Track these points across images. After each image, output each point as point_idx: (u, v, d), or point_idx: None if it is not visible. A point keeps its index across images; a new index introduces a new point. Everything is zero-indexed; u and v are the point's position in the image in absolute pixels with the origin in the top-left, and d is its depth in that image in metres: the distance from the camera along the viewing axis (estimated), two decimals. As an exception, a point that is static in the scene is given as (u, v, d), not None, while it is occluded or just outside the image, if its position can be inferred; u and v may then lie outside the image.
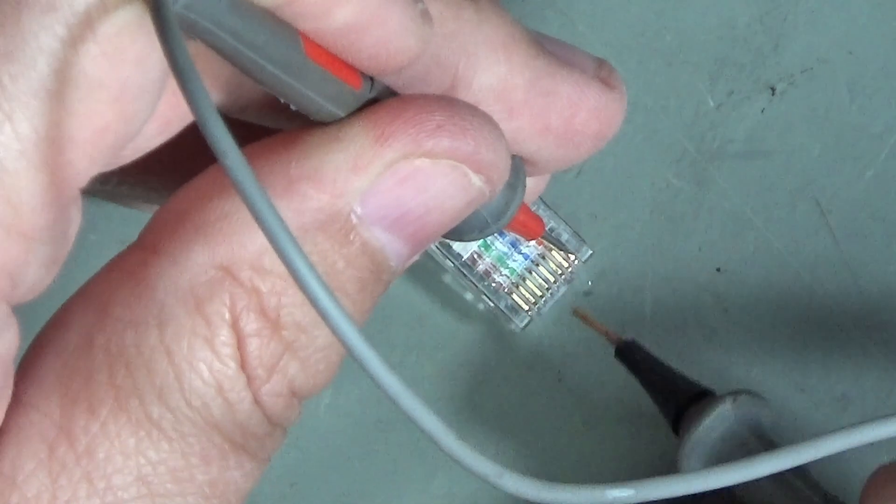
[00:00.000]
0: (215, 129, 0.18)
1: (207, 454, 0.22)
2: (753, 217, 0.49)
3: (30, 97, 0.19)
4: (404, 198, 0.23)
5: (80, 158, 0.20)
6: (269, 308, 0.22)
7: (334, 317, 0.18)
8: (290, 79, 0.21)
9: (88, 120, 0.20)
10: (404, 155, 0.22)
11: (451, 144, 0.23)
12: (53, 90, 0.20)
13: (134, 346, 0.22)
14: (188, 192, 0.23)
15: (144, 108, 0.21)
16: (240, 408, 0.22)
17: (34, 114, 0.20)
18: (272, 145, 0.23)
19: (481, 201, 0.24)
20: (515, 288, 0.48)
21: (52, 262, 0.21)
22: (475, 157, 0.23)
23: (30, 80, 0.19)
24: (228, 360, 0.22)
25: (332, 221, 0.22)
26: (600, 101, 0.25)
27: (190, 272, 0.22)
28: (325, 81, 0.22)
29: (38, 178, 0.20)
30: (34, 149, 0.20)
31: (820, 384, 0.49)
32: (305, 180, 0.22)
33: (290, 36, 0.21)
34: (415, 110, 0.22)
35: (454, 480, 0.49)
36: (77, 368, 0.22)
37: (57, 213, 0.20)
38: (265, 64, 0.20)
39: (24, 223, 0.20)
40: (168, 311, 0.22)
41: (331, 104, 0.22)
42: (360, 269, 0.23)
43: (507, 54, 0.24)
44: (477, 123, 0.23)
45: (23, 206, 0.20)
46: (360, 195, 0.22)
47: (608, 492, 0.19)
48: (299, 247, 0.18)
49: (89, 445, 0.21)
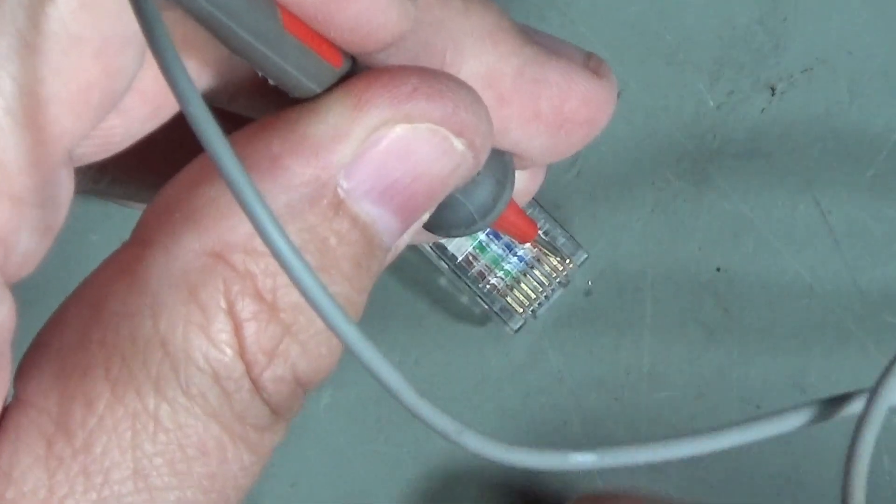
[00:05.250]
0: (193, 101, 0.18)
1: (205, 446, 0.22)
2: (753, 217, 0.49)
3: (10, 52, 0.19)
4: (388, 167, 0.23)
5: (67, 116, 0.20)
6: (264, 290, 0.22)
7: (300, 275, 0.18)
8: (266, 49, 0.21)
9: (72, 75, 0.20)
10: (383, 121, 0.22)
11: (428, 106, 0.22)
12: (34, 45, 0.19)
13: (129, 337, 0.21)
14: (175, 183, 0.23)
15: (128, 63, 0.21)
16: (238, 396, 0.22)
17: (16, 70, 0.19)
18: (255, 128, 0.23)
19: (466, 169, 0.24)
20: (510, 290, 0.48)
21: (45, 229, 0.21)
22: (454, 119, 0.23)
23: (9, 36, 0.19)
24: (225, 346, 0.22)
25: (319, 196, 0.22)
26: (590, 88, 0.25)
27: (181, 260, 0.22)
28: (303, 56, 0.22)
29: (24, 136, 0.20)
30: (18, 106, 0.19)
31: (820, 384, 0.49)
32: (288, 155, 0.22)
33: (268, 6, 0.21)
34: (389, 76, 0.22)
35: (454, 480, 0.49)
36: (74, 364, 0.22)
37: (46, 174, 0.20)
38: (241, 32, 0.20)
39: (13, 184, 0.20)
40: (161, 300, 0.21)
41: (309, 80, 0.22)
42: (353, 245, 0.22)
43: (495, 42, 0.24)
44: (453, 86, 0.23)
45: (10, 165, 0.20)
46: (345, 168, 0.22)
47: (571, 456, 0.19)
48: (271, 211, 0.18)
49: (86, 440, 0.21)
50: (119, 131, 0.22)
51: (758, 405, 0.49)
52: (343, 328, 0.19)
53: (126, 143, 0.23)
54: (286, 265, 0.18)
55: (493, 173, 0.26)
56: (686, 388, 0.46)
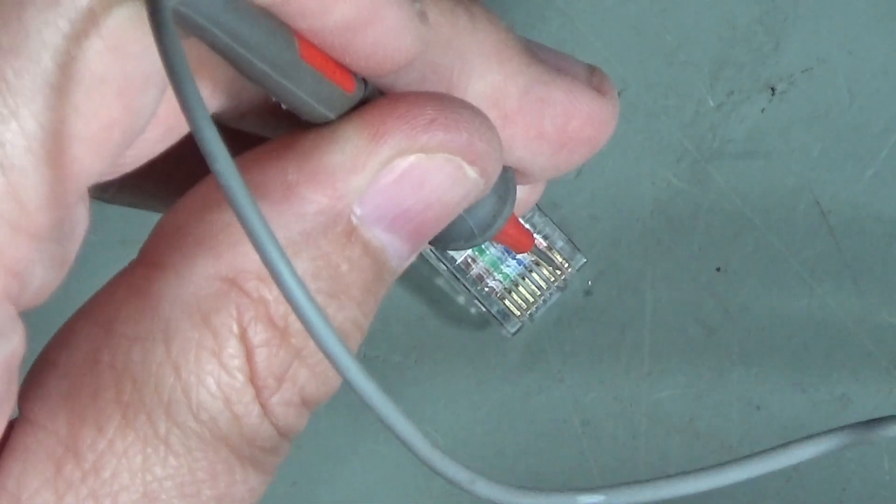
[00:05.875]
0: (206, 132, 0.18)
1: (214, 469, 0.22)
2: (753, 217, 0.49)
3: (35, 93, 0.19)
4: (402, 195, 0.23)
5: (87, 154, 0.20)
6: (276, 317, 0.22)
7: (316, 325, 0.18)
8: (282, 79, 0.21)
9: (94, 115, 0.20)
10: (400, 151, 0.22)
11: (445, 137, 0.23)
12: (58, 86, 0.19)
13: (140, 361, 0.21)
14: (187, 203, 0.23)
15: (149, 102, 0.21)
16: (247, 421, 0.22)
17: (39, 110, 0.19)
18: (267, 152, 0.23)
19: (476, 195, 0.24)
20: (508, 293, 0.48)
21: (60, 263, 0.21)
22: (470, 149, 0.23)
23: (34, 76, 0.19)
24: (236, 372, 0.22)
25: (333, 224, 0.22)
26: (593, 107, 0.25)
27: (195, 285, 0.22)
28: (318, 83, 0.22)
29: (45, 174, 0.20)
30: (40, 145, 0.19)
31: (820, 384, 0.49)
32: (304, 184, 0.22)
33: (285, 36, 0.21)
34: (406, 106, 0.22)
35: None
36: (83, 386, 0.22)
37: (64, 211, 0.20)
38: (258, 63, 0.20)
39: (32, 221, 0.20)
40: (174, 325, 0.21)
41: (322, 106, 0.22)
42: (364, 271, 0.23)
43: (501, 62, 0.24)
44: (468, 115, 0.23)
45: (30, 203, 0.20)
46: (359, 196, 0.22)
47: (579, 498, 0.19)
48: (277, 241, 0.18)
49: (96, 463, 0.21)
50: (132, 154, 0.22)
51: (758, 405, 0.49)
52: (355, 377, 0.19)
53: (137, 164, 0.23)
54: (293, 302, 0.18)
55: (496, 190, 0.26)
56: (686, 388, 0.46)
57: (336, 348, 0.18)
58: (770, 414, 0.49)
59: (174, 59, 0.18)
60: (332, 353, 0.18)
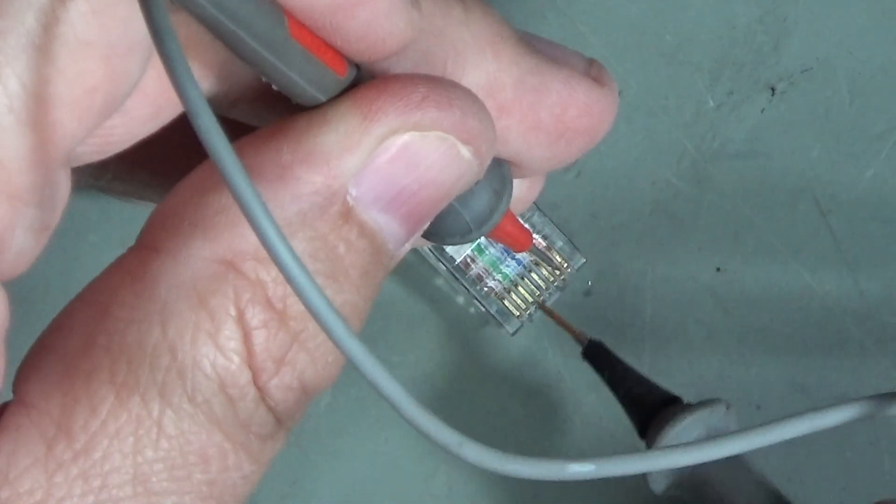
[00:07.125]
0: (202, 113, 0.18)
1: (206, 453, 0.22)
2: (753, 217, 0.49)
3: (18, 52, 0.19)
4: (397, 175, 0.22)
5: (69, 118, 0.20)
6: (274, 298, 0.22)
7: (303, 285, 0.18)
8: (271, 56, 0.21)
9: (78, 78, 0.20)
10: (393, 129, 0.22)
11: (438, 114, 0.22)
12: (42, 46, 0.19)
13: (136, 343, 0.21)
14: (184, 188, 0.23)
15: (133, 69, 0.21)
16: (242, 405, 0.22)
17: (22, 70, 0.19)
18: (261, 136, 0.23)
19: (470, 177, 0.23)
20: (507, 293, 0.48)
21: (39, 229, 0.21)
22: (463, 127, 0.23)
23: (18, 36, 0.19)
24: (232, 354, 0.21)
25: (329, 204, 0.22)
26: (591, 96, 0.25)
27: (192, 268, 0.21)
28: (309, 64, 0.21)
29: (26, 135, 0.20)
30: (22, 105, 0.19)
31: (820, 384, 0.49)
32: (298, 164, 0.22)
33: (275, 13, 0.21)
34: (399, 85, 0.22)
35: (454, 480, 0.49)
36: (78, 368, 0.21)
37: (45, 174, 0.20)
38: (247, 38, 0.20)
39: (11, 182, 0.20)
40: (171, 307, 0.21)
41: (313, 88, 0.22)
42: (361, 253, 0.22)
43: (496, 52, 0.24)
44: (461, 94, 0.23)
45: (10, 164, 0.20)
46: (354, 176, 0.22)
47: (569, 466, 0.19)
48: (278, 227, 0.18)
49: (88, 444, 0.21)
50: (120, 132, 0.22)
51: (758, 405, 0.49)
52: (345, 340, 0.19)
53: (127, 143, 0.23)
54: (289, 276, 0.18)
55: (491, 183, 0.26)
56: (686, 388, 0.46)
57: (335, 324, 0.18)
58: (770, 414, 0.49)
59: (159, 24, 0.18)
60: (332, 329, 0.18)
